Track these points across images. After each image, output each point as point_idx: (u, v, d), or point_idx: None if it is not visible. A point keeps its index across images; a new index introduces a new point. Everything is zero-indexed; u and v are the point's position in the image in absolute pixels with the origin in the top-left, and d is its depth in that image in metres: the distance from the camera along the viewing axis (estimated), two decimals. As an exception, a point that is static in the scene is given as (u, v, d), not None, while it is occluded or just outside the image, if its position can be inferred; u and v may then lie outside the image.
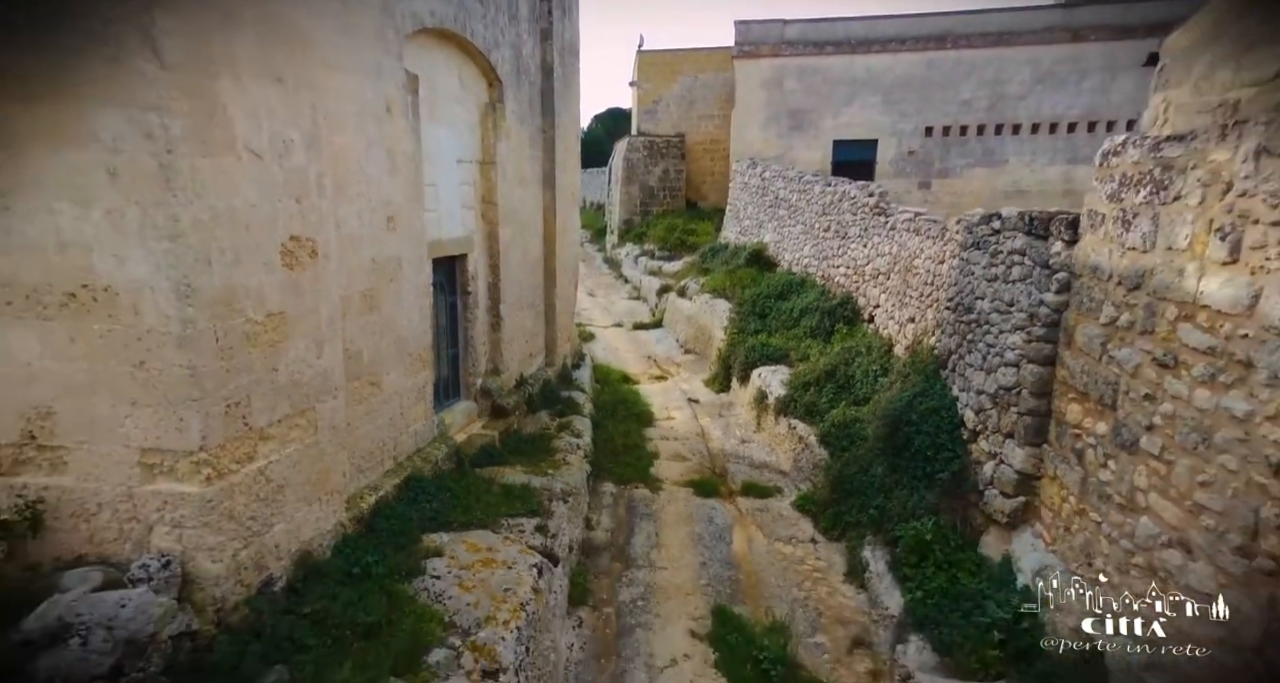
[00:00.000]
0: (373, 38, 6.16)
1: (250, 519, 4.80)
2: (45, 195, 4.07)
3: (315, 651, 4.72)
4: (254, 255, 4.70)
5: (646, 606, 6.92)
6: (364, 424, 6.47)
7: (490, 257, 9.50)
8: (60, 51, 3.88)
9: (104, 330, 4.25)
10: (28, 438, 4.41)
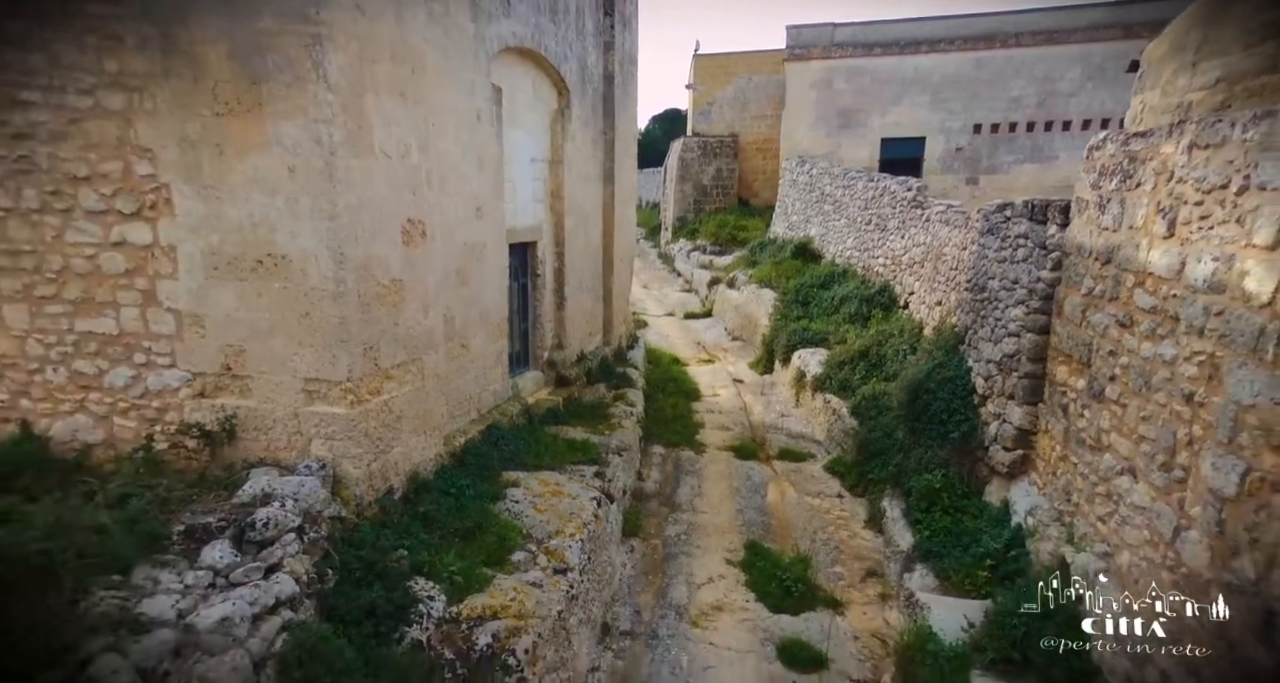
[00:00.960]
0: (468, 59, 7.51)
1: (379, 439, 6.19)
2: (244, 187, 5.51)
3: (427, 542, 6.07)
4: (384, 233, 6.08)
5: (688, 539, 8.09)
6: (456, 378, 7.84)
7: (556, 244, 10.81)
8: (253, 79, 5.30)
9: (281, 288, 5.67)
10: (224, 369, 5.89)
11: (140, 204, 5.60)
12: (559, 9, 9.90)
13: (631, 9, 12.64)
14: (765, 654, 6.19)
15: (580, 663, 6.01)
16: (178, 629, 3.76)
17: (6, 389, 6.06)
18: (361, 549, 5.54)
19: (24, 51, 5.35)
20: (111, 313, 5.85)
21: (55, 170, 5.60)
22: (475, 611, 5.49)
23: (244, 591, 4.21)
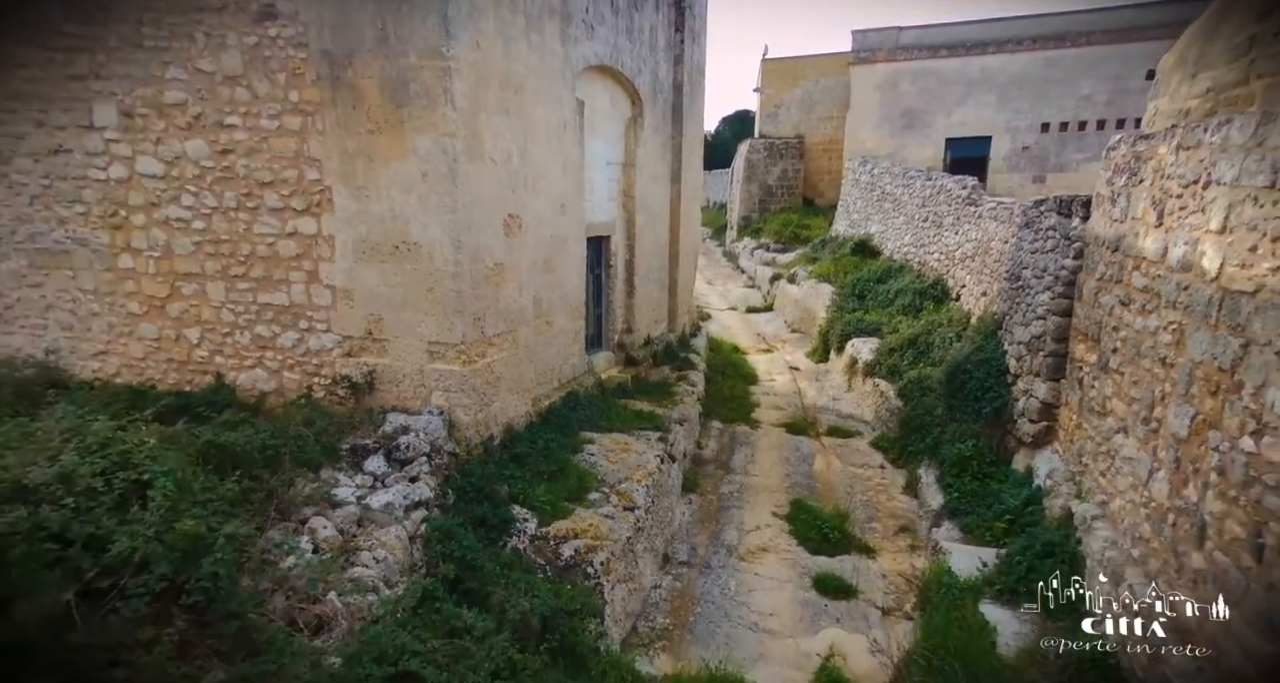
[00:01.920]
0: (558, 78, 8.84)
1: (483, 394, 7.57)
2: (387, 189, 6.98)
3: (521, 479, 7.41)
4: (490, 225, 7.47)
5: (740, 496, 9.18)
6: (542, 350, 9.20)
7: (628, 239, 12.07)
8: (397, 103, 6.75)
9: (412, 269, 7.12)
10: (367, 334, 7.40)
11: (309, 203, 7.18)
12: (635, 30, 11.16)
13: (700, 25, 13.78)
14: (802, 584, 7.23)
15: (645, 580, 7.23)
16: (359, 507, 5.20)
17: (206, 348, 7.79)
18: (472, 477, 6.93)
19: (232, 86, 7.01)
20: (284, 288, 7.47)
21: (249, 177, 7.24)
22: (560, 531, 6.77)
23: (397, 488, 5.64)
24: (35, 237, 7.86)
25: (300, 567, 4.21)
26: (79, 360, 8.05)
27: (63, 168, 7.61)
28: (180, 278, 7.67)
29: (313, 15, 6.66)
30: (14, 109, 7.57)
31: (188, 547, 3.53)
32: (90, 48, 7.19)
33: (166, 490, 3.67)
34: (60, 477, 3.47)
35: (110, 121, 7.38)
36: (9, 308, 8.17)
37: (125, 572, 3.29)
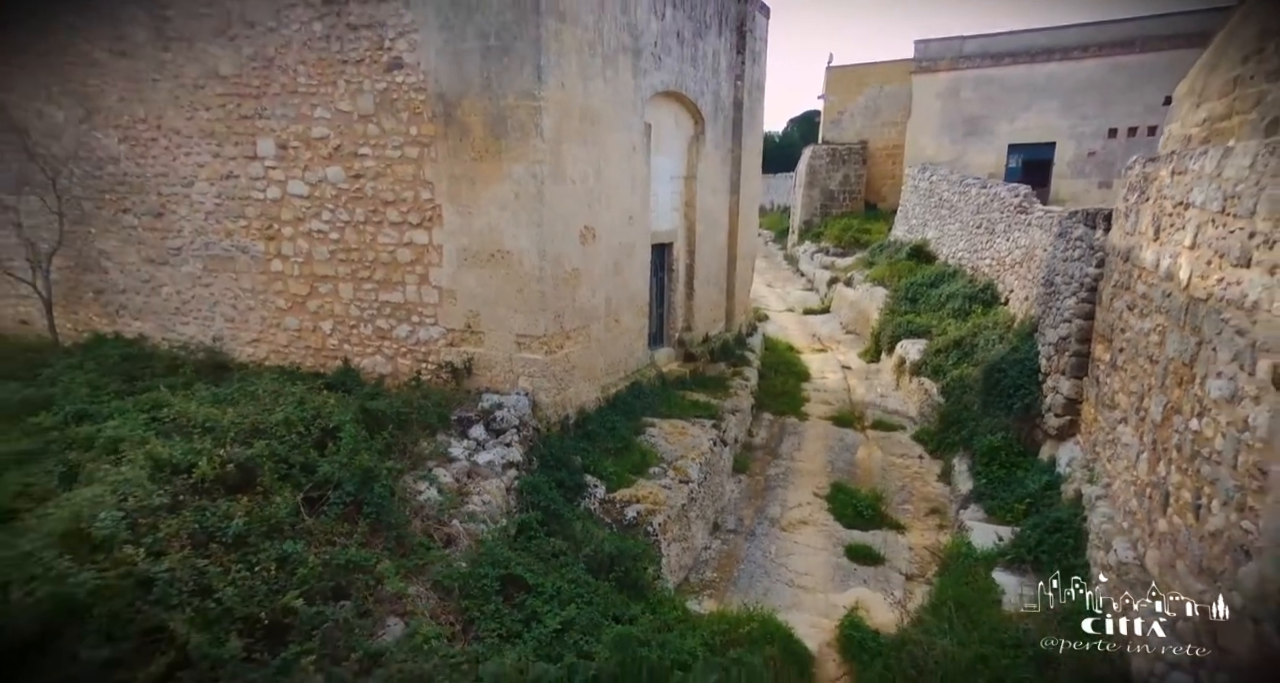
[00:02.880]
0: (629, 107, 10.08)
1: (560, 379, 8.89)
2: (486, 206, 8.38)
3: (591, 453, 8.68)
4: (569, 236, 8.78)
5: (785, 478, 10.19)
6: (611, 344, 10.46)
7: (688, 245, 13.23)
8: (497, 136, 8.13)
9: (504, 273, 8.50)
10: (466, 327, 8.84)
11: (423, 218, 8.68)
12: (698, 56, 12.31)
13: (760, 46, 14.79)
14: (835, 552, 8.21)
15: (696, 541, 8.38)
16: (468, 463, 6.59)
17: (336, 338, 9.43)
18: (551, 448, 8.25)
19: (365, 123, 8.58)
20: (400, 289, 9.00)
21: (375, 197, 8.81)
22: (625, 497, 7.99)
23: (495, 450, 7.01)
24: (208, 245, 9.71)
25: (432, 500, 5.60)
26: (238, 346, 9.86)
27: (232, 189, 9.41)
28: (318, 279, 9.34)
29: (432, 66, 8.14)
30: (198, 144, 9.41)
31: (364, 475, 4.94)
32: (258, 95, 8.92)
33: (349, 435, 5.11)
34: (283, 422, 4.95)
35: (269, 152, 9.12)
36: (185, 303, 10.08)
37: (327, 488, 4.72)
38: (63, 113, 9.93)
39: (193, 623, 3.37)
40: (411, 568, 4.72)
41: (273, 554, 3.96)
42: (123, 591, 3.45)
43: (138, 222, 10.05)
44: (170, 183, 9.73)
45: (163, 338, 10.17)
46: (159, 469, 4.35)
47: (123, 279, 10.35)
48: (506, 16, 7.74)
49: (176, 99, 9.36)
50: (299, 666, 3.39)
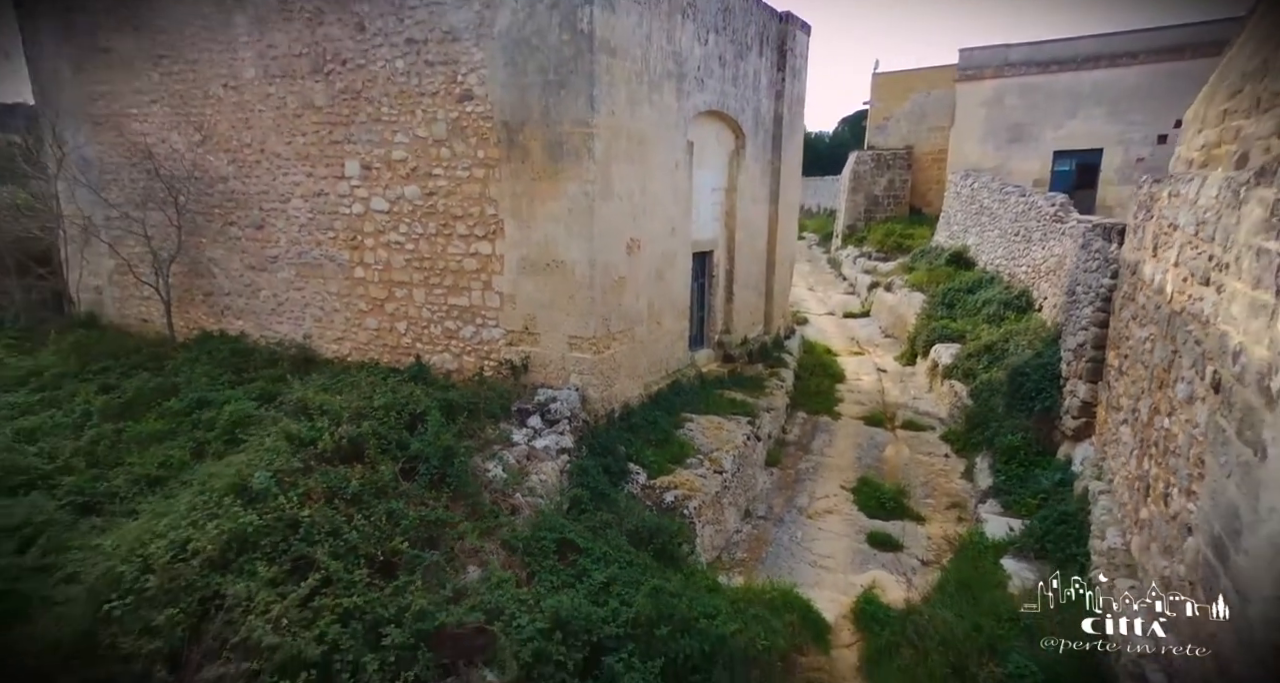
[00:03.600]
0: (673, 127, 10.97)
1: (607, 377, 9.84)
2: (543, 221, 9.39)
3: (634, 443, 9.59)
4: (616, 247, 9.72)
5: (815, 472, 10.92)
6: (653, 345, 11.37)
7: (728, 253, 14.03)
8: (553, 158, 9.13)
9: (558, 280, 9.50)
10: (524, 329, 9.88)
11: (487, 231, 9.76)
12: (740, 76, 13.11)
13: (801, 63, 15.47)
14: (857, 539, 8.93)
15: (729, 525, 9.22)
16: (527, 447, 7.60)
17: (410, 337, 10.61)
18: (599, 438, 9.21)
19: (439, 147, 9.72)
20: (466, 294, 10.11)
21: (445, 212, 9.94)
22: (664, 483, 8.88)
23: (550, 437, 8.01)
24: (301, 254, 11.04)
25: (498, 477, 6.62)
26: (324, 343, 11.16)
27: (322, 205, 10.70)
28: (395, 285, 10.53)
29: (498, 97, 9.21)
30: (294, 165, 10.74)
31: (445, 453, 5.99)
32: (347, 122, 10.18)
33: (434, 419, 6.17)
34: (382, 407, 6.04)
35: (355, 172, 10.36)
36: (280, 305, 11.44)
37: (417, 461, 5.77)
38: (183, 139, 11.44)
39: (330, 555, 4.44)
40: (484, 529, 5.73)
41: (382, 510, 5.01)
42: (278, 529, 4.55)
43: (242, 233, 11.48)
44: (270, 199, 11.10)
45: (260, 336, 11.57)
46: (292, 442, 5.47)
47: (228, 283, 11.80)
48: (564, 53, 8.74)
49: (278, 126, 10.71)
50: (407, 591, 4.41)
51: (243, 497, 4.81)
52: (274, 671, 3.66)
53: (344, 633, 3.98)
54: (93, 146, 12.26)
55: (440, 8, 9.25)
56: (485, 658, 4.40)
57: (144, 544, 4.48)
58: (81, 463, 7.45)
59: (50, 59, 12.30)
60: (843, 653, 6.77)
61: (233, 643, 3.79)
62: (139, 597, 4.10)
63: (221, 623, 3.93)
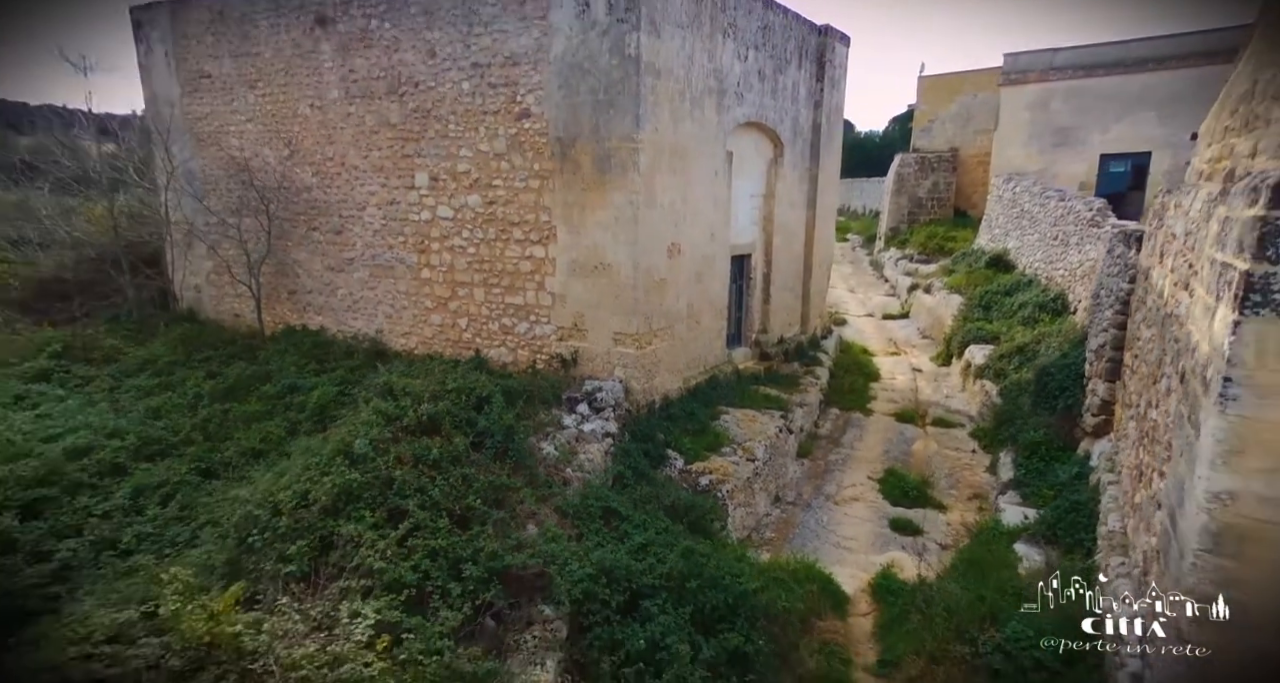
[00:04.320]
0: (713, 140, 11.75)
1: (648, 370, 10.70)
2: (592, 226, 10.30)
3: (672, 432, 10.43)
4: (658, 251, 10.57)
5: (844, 463, 11.56)
6: (692, 342, 12.17)
7: (766, 256, 14.72)
8: (601, 171, 10.02)
9: (605, 282, 10.40)
10: (573, 326, 10.82)
11: (541, 236, 10.74)
12: (779, 89, 13.80)
13: (839, 73, 16.03)
14: (880, 523, 9.56)
15: (759, 509, 9.97)
16: (576, 430, 8.53)
17: (470, 332, 11.68)
18: (640, 426, 10.08)
19: (499, 160, 10.75)
20: (521, 294, 11.11)
21: (503, 219, 10.96)
22: (699, 468, 9.69)
23: (596, 422, 8.92)
24: (375, 257, 12.25)
25: (551, 454, 7.55)
26: (394, 337, 12.35)
27: (394, 212, 11.88)
28: (457, 285, 11.62)
29: (553, 115, 10.17)
30: (370, 176, 11.96)
31: (507, 431, 6.95)
32: (417, 138, 11.32)
33: (498, 402, 7.14)
34: (454, 390, 7.05)
35: (424, 183, 11.49)
36: (356, 302, 12.69)
37: (484, 437, 6.74)
38: (274, 153, 12.80)
39: (419, 507, 5.42)
40: (540, 496, 6.66)
41: (457, 474, 5.97)
42: (377, 485, 5.56)
43: (322, 237, 12.77)
44: (348, 207, 12.35)
45: (338, 330, 12.85)
46: (383, 417, 6.50)
47: (309, 282, 13.13)
48: (613, 76, 9.64)
49: (356, 142, 11.94)
50: (480, 538, 5.35)
51: (347, 459, 5.84)
52: (383, 588, 4.64)
53: (433, 566, 4.95)
54: (196, 161, 13.78)
55: (503, 35, 10.27)
56: (543, 595, 5.31)
57: (272, 495, 5.56)
58: (199, 436, 8.73)
59: (163, 84, 13.87)
60: (859, 621, 7.47)
61: (350, 567, 4.80)
62: (273, 533, 5.16)
63: (340, 554, 4.95)
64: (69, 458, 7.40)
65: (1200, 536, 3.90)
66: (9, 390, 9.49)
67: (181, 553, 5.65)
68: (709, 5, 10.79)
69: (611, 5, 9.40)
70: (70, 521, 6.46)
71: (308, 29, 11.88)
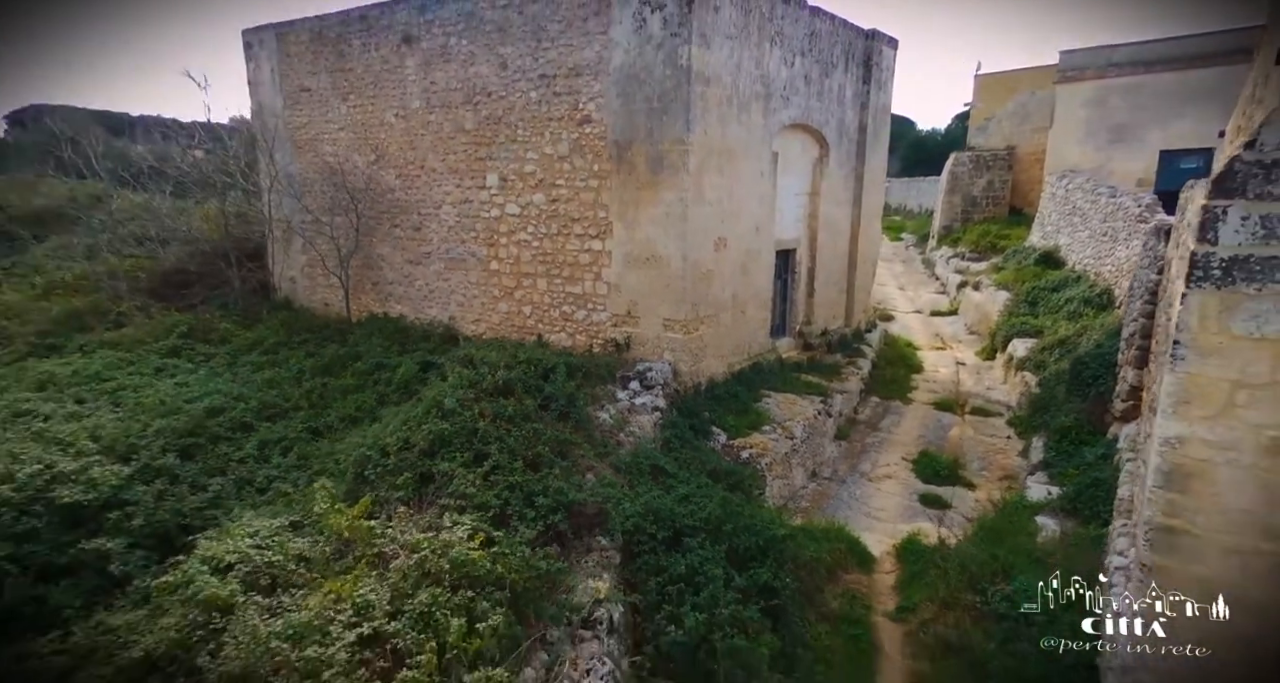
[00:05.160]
0: (759, 142, 12.58)
1: (695, 355, 11.62)
2: (645, 222, 11.30)
3: (717, 411, 11.32)
4: (705, 245, 11.48)
5: (880, 445, 12.21)
6: (736, 330, 13.02)
7: (810, 251, 15.42)
8: (654, 171, 11.02)
9: (656, 273, 11.37)
10: (627, 313, 11.83)
11: (599, 231, 11.80)
12: (825, 91, 14.50)
13: (886, 75, 16.57)
14: (910, 498, 10.23)
15: (795, 482, 10.78)
16: (628, 403, 9.55)
17: (533, 319, 12.86)
18: (687, 403, 11.01)
19: (562, 162, 11.87)
20: (580, 284, 12.20)
21: (564, 215, 12.08)
22: (740, 443, 10.55)
23: (647, 397, 9.92)
24: (449, 251, 13.59)
25: (606, 421, 8.58)
26: (465, 323, 13.65)
27: (466, 210, 13.17)
28: (523, 276, 12.81)
29: (611, 121, 11.22)
30: (446, 178, 13.29)
31: (570, 396, 8.01)
32: (489, 142, 12.57)
33: (561, 372, 8.23)
34: (524, 361, 8.18)
35: (494, 184, 12.74)
36: (431, 292, 14.07)
37: (550, 400, 7.83)
38: (362, 158, 14.32)
39: (498, 451, 6.53)
40: (597, 453, 7.70)
41: (529, 428, 7.06)
42: (463, 434, 6.71)
43: (403, 233, 14.20)
44: (426, 206, 13.72)
45: (415, 317, 14.25)
46: (465, 381, 7.67)
47: (391, 274, 14.59)
48: (666, 85, 10.62)
49: (435, 147, 13.29)
50: (548, 478, 6.42)
51: (439, 413, 7.01)
52: (473, 508, 5.74)
53: (511, 495, 6.03)
54: (295, 165, 15.47)
55: (568, 49, 11.39)
56: (601, 529, 6.33)
57: (381, 440, 6.78)
58: (305, 404, 10.15)
59: (268, 97, 15.63)
60: (882, 577, 8.23)
61: (446, 493, 5.93)
62: (384, 468, 6.36)
63: (436, 486, 6.10)
64: (208, 416, 8.89)
65: (1154, 474, 4.61)
66: (151, 364, 11.20)
67: (306, 488, 6.95)
68: (757, 16, 11.65)
69: (666, 21, 10.39)
70: (215, 464, 7.88)
71: (395, 47, 13.31)
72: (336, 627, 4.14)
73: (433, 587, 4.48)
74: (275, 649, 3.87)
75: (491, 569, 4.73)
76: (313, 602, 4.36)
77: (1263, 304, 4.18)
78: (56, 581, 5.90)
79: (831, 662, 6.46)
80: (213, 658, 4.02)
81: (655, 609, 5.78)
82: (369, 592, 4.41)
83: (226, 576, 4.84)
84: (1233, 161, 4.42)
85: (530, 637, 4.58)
